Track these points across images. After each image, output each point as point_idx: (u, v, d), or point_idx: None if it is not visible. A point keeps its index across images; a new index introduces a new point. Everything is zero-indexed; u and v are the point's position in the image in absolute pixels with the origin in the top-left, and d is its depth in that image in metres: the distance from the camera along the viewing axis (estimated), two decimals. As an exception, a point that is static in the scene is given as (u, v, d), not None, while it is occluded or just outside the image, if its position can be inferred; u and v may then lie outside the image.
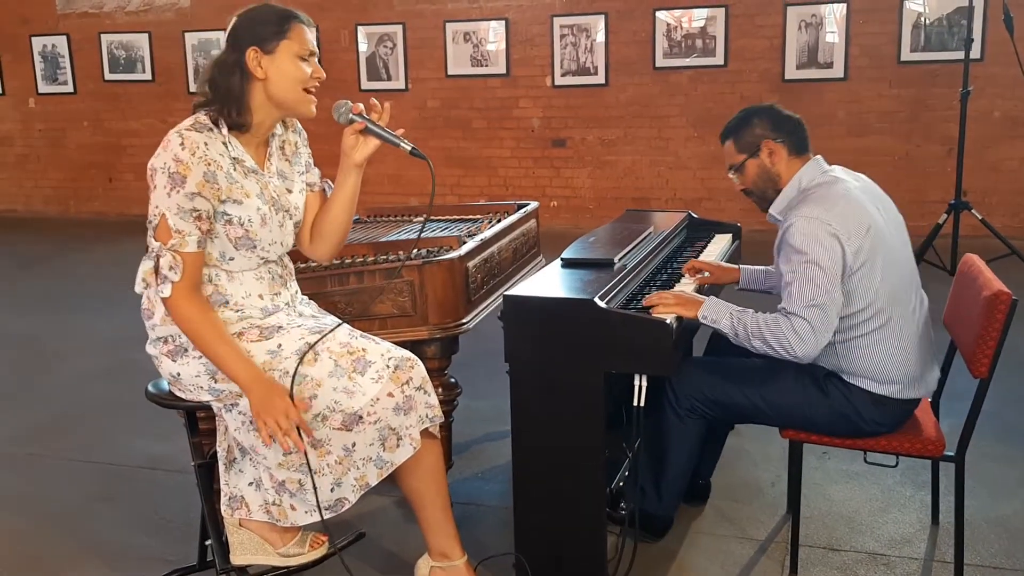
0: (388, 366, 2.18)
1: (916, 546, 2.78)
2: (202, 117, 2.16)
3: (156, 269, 2.10)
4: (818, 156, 2.57)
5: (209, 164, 2.09)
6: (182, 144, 2.07)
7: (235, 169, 2.15)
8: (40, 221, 9.29)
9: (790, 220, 2.40)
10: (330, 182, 2.47)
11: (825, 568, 2.67)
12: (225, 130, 2.16)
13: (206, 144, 2.09)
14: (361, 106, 2.24)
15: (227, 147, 2.15)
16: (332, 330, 2.23)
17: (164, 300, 2.10)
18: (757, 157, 2.57)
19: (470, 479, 3.27)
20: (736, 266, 2.95)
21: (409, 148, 2.23)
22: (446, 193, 8.33)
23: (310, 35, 2.20)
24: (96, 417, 4.01)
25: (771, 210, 2.58)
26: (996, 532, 2.83)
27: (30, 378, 4.56)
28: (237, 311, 2.22)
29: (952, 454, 2.45)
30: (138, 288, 2.17)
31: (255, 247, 2.20)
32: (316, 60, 2.22)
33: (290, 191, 2.30)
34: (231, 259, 2.20)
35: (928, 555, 2.73)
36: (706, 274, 2.86)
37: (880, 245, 2.39)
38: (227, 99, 2.14)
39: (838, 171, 2.55)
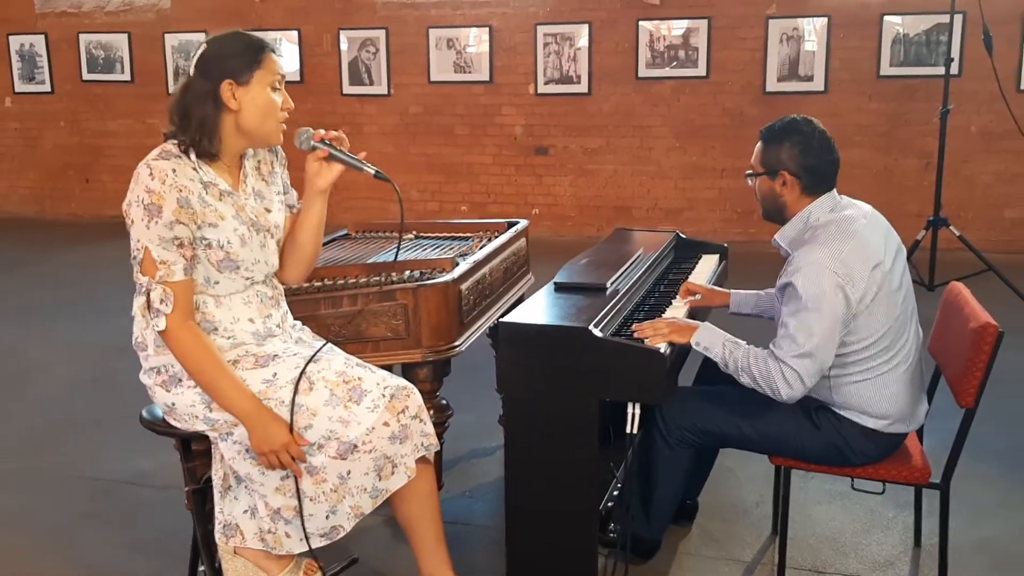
0: (384, 395, 2.19)
1: (899, 568, 2.82)
2: (169, 145, 2.17)
3: (148, 304, 2.10)
4: (832, 191, 2.54)
5: (181, 190, 2.09)
6: (151, 175, 2.08)
7: (207, 192, 2.15)
8: (15, 222, 9.19)
9: (797, 262, 2.40)
10: None
11: (811, 591, 2.71)
12: (194, 156, 2.16)
13: (174, 171, 2.10)
14: (323, 132, 2.26)
15: (197, 172, 2.15)
16: (319, 350, 2.25)
17: (161, 333, 2.11)
18: (772, 179, 2.54)
19: (458, 497, 3.28)
20: (727, 291, 2.98)
21: (373, 172, 2.25)
22: (427, 200, 8.33)
23: (280, 63, 2.22)
24: (80, 430, 3.98)
25: (777, 238, 2.58)
26: (978, 555, 2.88)
27: (11, 389, 4.52)
28: (228, 337, 2.22)
29: (937, 481, 2.50)
30: (137, 326, 2.17)
31: (238, 268, 2.20)
32: (284, 87, 2.24)
33: (269, 210, 2.31)
34: (216, 283, 2.20)
35: (911, 578, 2.79)
36: (699, 296, 2.90)
37: (884, 285, 2.41)
38: (200, 129, 2.14)
39: (847, 207, 2.52)
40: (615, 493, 2.93)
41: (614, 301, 2.64)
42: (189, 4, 8.59)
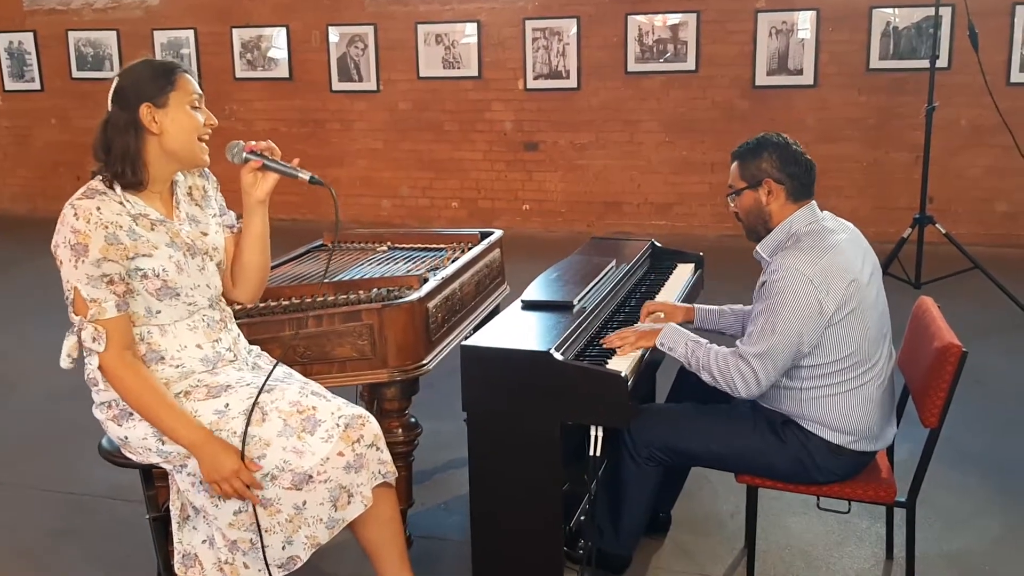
0: (338, 425, 2.18)
1: (870, 582, 2.82)
2: (94, 183, 2.17)
3: (80, 343, 2.11)
4: (812, 202, 2.56)
5: (107, 227, 2.09)
6: (75, 215, 2.09)
7: (137, 224, 2.15)
8: (6, 219, 9.18)
9: (775, 265, 2.43)
10: None
11: (780, 607, 2.71)
12: (119, 190, 2.16)
13: (99, 209, 2.10)
14: (253, 143, 2.27)
15: (124, 205, 2.15)
16: (269, 374, 2.24)
17: (99, 370, 2.12)
18: (756, 191, 2.56)
19: (432, 510, 3.28)
20: (691, 305, 2.97)
21: (308, 177, 2.27)
22: (418, 196, 8.30)
23: (194, 81, 2.22)
24: (58, 441, 3.97)
25: (759, 249, 2.60)
26: (950, 568, 2.87)
27: (-8, 396, 4.52)
28: (177, 367, 2.22)
29: (903, 500, 2.49)
30: (63, 364, 2.19)
31: (178, 295, 2.20)
32: (204, 104, 2.24)
33: (205, 233, 2.30)
34: (158, 312, 2.20)
35: (882, 592, 2.78)
36: (661, 315, 2.89)
37: (860, 301, 2.42)
38: (123, 159, 2.14)
39: (828, 220, 2.55)
40: (587, 507, 2.92)
41: (580, 320, 2.63)
42: (177, 1, 8.55)
